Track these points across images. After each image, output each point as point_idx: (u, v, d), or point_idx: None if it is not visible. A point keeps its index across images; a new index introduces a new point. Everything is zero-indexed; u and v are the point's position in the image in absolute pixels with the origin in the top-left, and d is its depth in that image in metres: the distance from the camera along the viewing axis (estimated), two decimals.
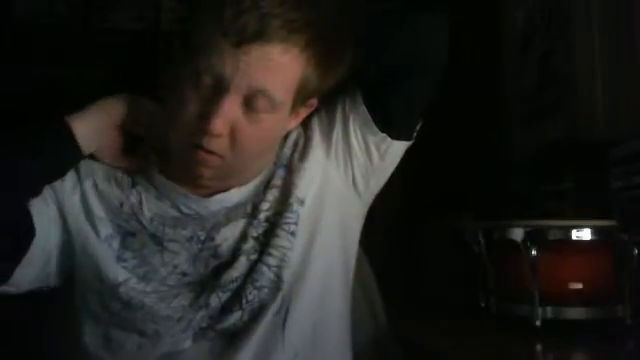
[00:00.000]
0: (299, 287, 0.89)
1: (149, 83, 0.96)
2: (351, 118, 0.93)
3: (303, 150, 0.94)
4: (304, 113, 0.91)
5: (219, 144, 0.81)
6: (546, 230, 1.07)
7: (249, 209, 0.91)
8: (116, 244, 0.89)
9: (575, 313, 1.05)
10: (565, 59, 1.74)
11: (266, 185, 0.92)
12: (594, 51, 1.62)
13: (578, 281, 1.06)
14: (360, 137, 0.93)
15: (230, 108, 0.79)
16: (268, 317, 0.87)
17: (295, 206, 0.90)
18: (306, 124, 0.96)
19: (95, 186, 0.92)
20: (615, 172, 1.29)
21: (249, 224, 0.90)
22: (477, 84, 2.12)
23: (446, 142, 2.11)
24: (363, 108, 0.91)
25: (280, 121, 0.86)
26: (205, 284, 0.88)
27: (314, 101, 0.90)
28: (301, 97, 0.86)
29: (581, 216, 1.22)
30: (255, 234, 0.89)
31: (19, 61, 2.46)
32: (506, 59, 2.08)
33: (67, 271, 0.91)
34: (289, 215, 0.90)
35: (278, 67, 0.79)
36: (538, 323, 1.03)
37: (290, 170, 0.93)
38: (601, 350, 1.00)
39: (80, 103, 0.90)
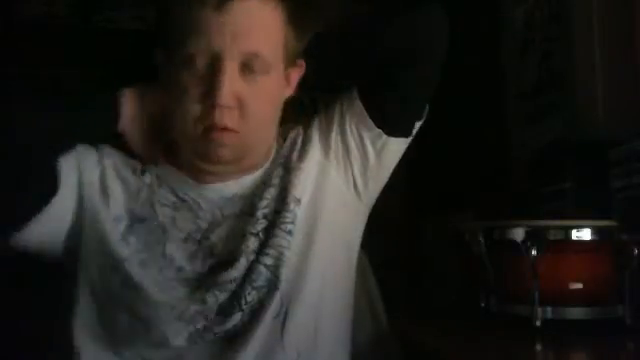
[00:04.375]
0: (298, 288, 0.89)
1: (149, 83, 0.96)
2: (348, 115, 0.93)
3: (302, 149, 0.95)
4: (296, 76, 0.93)
5: (230, 117, 0.83)
6: (546, 230, 1.07)
7: (246, 206, 0.91)
8: (122, 226, 0.90)
9: (575, 313, 1.05)
10: (565, 59, 1.74)
11: (264, 183, 0.93)
12: (594, 51, 1.62)
13: (578, 281, 1.06)
14: (356, 134, 0.93)
15: (231, 76, 0.81)
16: (267, 320, 0.87)
17: (292, 205, 0.91)
18: (306, 124, 0.97)
19: (115, 167, 0.93)
20: (615, 172, 1.29)
21: (247, 222, 0.90)
22: (477, 84, 2.12)
23: (446, 142, 2.11)
24: (358, 102, 0.92)
25: (277, 84, 0.88)
26: (202, 281, 0.88)
27: (302, 62, 0.92)
28: (288, 58, 0.89)
29: (581, 216, 1.22)
30: (254, 231, 0.89)
31: (19, 62, 2.46)
32: (506, 59, 2.08)
33: (73, 244, 0.91)
34: (287, 214, 0.90)
35: (261, 23, 0.84)
36: (538, 323, 1.03)
37: (288, 169, 0.93)
38: (601, 350, 1.00)
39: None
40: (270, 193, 0.91)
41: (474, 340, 1.07)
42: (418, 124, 0.97)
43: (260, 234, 0.89)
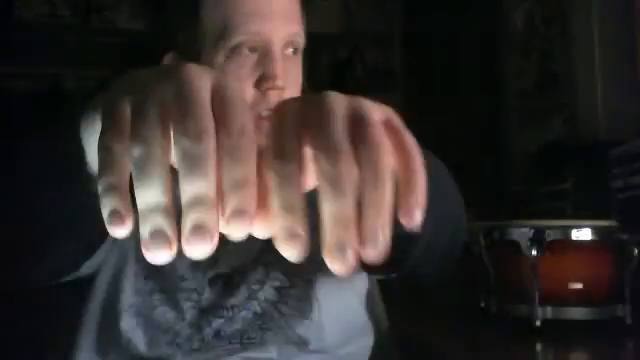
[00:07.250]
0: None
1: None
2: None
3: None
4: None
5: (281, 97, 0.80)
6: (546, 230, 1.07)
7: None
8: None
9: (575, 313, 1.05)
10: (565, 59, 1.74)
11: None
12: (594, 51, 1.62)
13: (578, 281, 1.06)
14: None
15: (280, 58, 0.79)
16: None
17: None
18: None
19: None
20: (615, 172, 1.29)
21: (261, 249, 0.86)
22: (477, 84, 2.12)
23: (446, 142, 2.11)
24: None
25: (301, 69, 0.86)
26: (200, 298, 0.85)
27: None
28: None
29: (581, 216, 1.22)
30: (265, 261, 0.85)
31: (20, 62, 2.46)
32: (506, 59, 2.08)
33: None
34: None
35: (296, 7, 0.82)
36: (538, 323, 1.03)
37: None
38: (601, 350, 1.00)
39: (80, 103, 0.90)
40: None
41: (474, 340, 1.07)
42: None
43: (271, 265, 0.86)
